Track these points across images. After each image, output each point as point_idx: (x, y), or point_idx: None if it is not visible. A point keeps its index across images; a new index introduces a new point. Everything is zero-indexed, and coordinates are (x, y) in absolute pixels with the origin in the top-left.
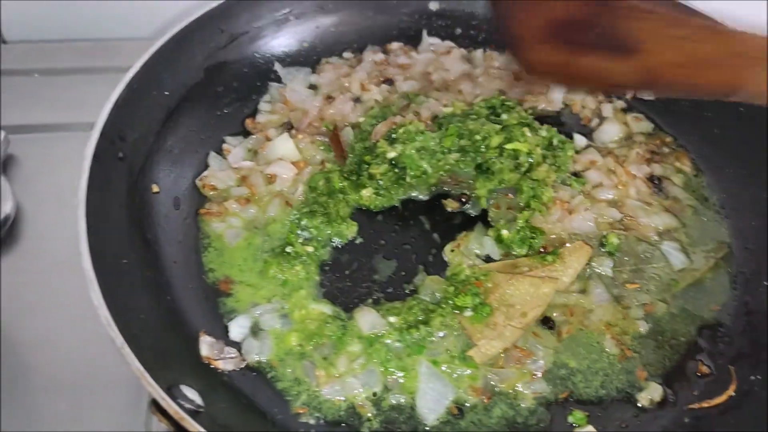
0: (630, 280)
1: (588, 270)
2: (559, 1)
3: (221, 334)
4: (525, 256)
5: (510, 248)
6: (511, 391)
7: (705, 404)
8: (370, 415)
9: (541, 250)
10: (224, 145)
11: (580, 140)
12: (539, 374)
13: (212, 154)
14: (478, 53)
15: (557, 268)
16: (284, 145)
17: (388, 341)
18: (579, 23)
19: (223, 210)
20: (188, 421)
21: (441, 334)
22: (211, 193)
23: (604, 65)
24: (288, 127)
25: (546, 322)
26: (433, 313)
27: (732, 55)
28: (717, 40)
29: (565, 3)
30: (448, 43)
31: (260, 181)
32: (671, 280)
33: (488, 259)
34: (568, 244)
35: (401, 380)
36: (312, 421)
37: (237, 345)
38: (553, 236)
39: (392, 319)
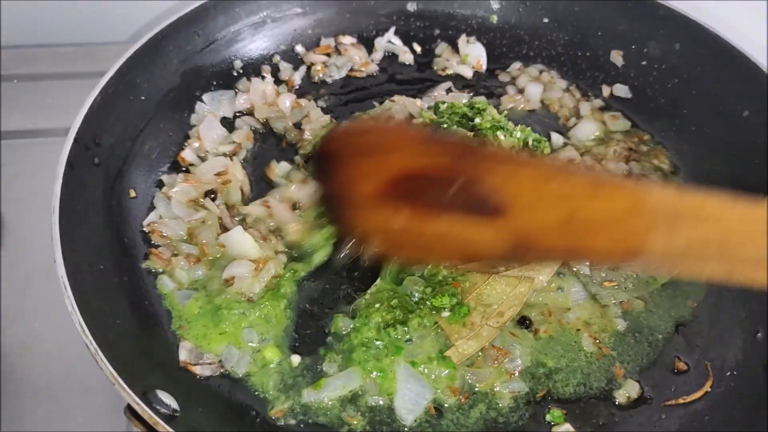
0: (607, 278)
1: (565, 268)
2: (399, 150)
3: None
4: None
5: None
6: (489, 390)
7: (681, 400)
8: (350, 416)
9: None
10: (164, 189)
11: (557, 138)
12: (516, 373)
13: (158, 195)
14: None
15: (534, 268)
16: (241, 241)
17: (366, 339)
18: (427, 179)
19: (170, 263)
20: (163, 426)
21: (419, 335)
22: (160, 240)
23: (462, 231)
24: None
25: (523, 321)
26: (412, 314)
27: (625, 214)
28: (605, 196)
29: (406, 152)
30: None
31: (212, 238)
32: (649, 278)
33: None
34: None
35: (379, 381)
36: (292, 422)
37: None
38: None
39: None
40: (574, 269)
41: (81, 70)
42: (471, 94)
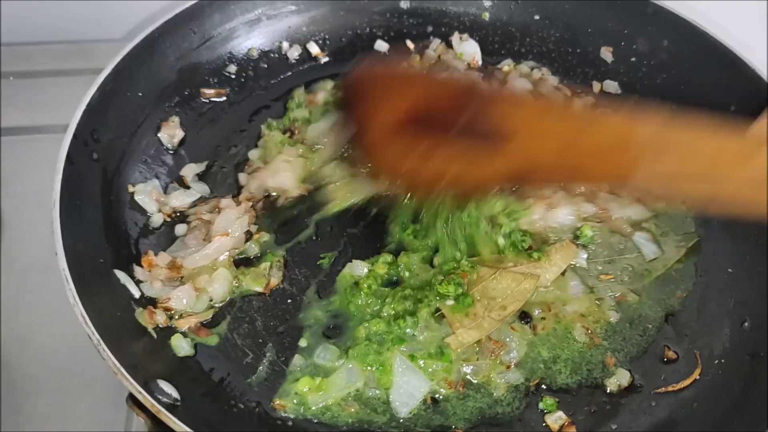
0: (604, 271)
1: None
2: (415, 89)
3: None
4: None
5: (503, 254)
6: (485, 381)
7: (671, 388)
8: (352, 410)
9: (528, 248)
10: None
11: None
12: (512, 365)
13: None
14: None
15: (542, 266)
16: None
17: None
18: (440, 114)
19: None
20: (165, 414)
21: (422, 325)
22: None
23: (472, 156)
24: None
25: (524, 317)
26: (421, 303)
27: (614, 145)
28: (596, 131)
29: (420, 91)
30: None
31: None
32: (644, 271)
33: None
34: (554, 242)
35: (377, 375)
36: (291, 415)
37: None
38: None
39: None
40: (572, 263)
41: (77, 68)
42: None
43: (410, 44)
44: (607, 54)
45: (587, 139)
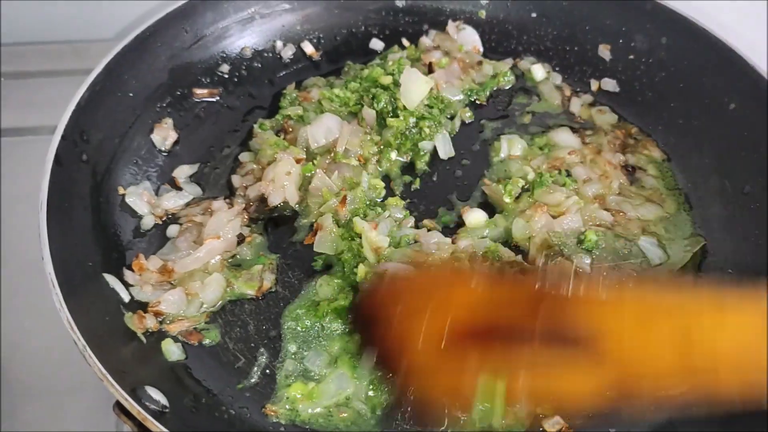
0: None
1: None
2: (459, 300)
3: None
4: None
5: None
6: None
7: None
8: (344, 416)
9: None
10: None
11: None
12: None
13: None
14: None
15: None
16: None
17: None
18: (513, 321)
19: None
20: (152, 422)
21: None
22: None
23: (559, 368)
24: None
25: None
26: None
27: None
28: (730, 315)
29: (466, 302)
30: None
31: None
32: None
33: None
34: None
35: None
36: (283, 421)
37: None
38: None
39: None
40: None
41: (67, 68)
42: None
43: (406, 42)
44: (605, 52)
45: (717, 328)
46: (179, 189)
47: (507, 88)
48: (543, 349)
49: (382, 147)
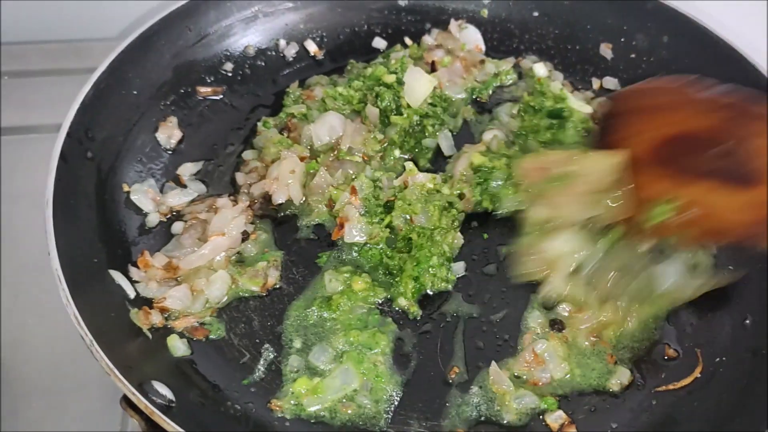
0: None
1: None
2: (679, 111)
3: None
4: None
5: None
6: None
7: (672, 386)
8: (349, 411)
9: None
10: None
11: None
12: (541, 383)
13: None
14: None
15: None
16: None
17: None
18: (699, 138)
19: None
20: (159, 416)
21: None
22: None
23: (715, 197)
24: None
25: (554, 324)
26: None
27: None
28: None
29: (687, 113)
30: None
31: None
32: (649, 299)
33: None
34: None
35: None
36: (288, 416)
37: None
38: None
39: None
40: None
41: (72, 67)
42: None
43: (408, 41)
44: (606, 50)
45: None
46: (184, 186)
47: (509, 85)
48: (717, 162)
49: (385, 145)
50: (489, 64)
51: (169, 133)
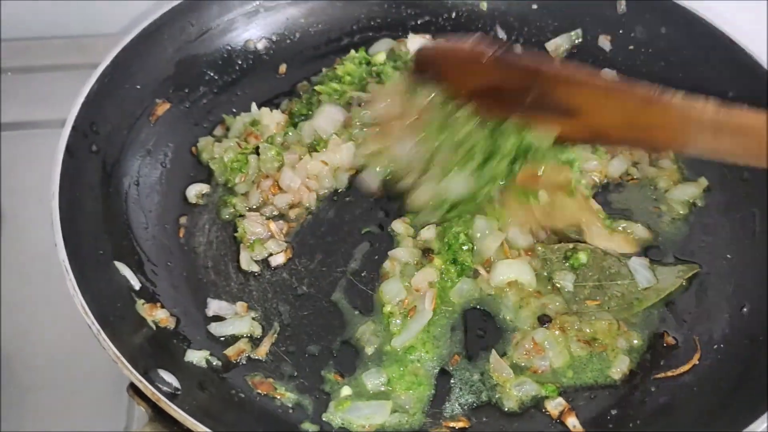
0: (591, 296)
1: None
2: (487, 70)
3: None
4: None
5: None
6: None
7: (671, 373)
8: None
9: None
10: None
11: None
12: (540, 371)
13: None
14: None
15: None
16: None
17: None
18: (512, 90)
19: None
20: (165, 403)
21: None
22: None
23: (541, 123)
24: None
25: (543, 320)
26: None
27: (674, 122)
28: (657, 110)
29: (493, 71)
30: None
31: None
32: (634, 299)
33: None
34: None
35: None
36: (290, 404)
37: None
38: None
39: None
40: (558, 285)
41: (75, 63)
42: None
43: (394, 42)
44: (605, 42)
45: (648, 115)
46: None
47: None
48: (535, 103)
49: None
50: None
51: None
